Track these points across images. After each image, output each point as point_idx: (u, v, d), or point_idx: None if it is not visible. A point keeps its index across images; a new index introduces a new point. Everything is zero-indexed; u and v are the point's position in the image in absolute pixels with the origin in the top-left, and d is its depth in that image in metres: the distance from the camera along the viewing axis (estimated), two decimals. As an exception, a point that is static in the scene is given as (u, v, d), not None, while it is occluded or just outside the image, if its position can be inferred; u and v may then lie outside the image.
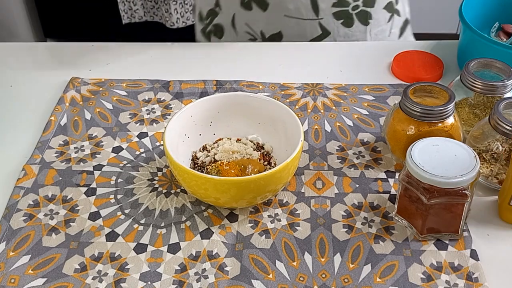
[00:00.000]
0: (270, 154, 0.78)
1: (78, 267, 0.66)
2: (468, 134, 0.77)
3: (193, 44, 1.06)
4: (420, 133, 0.73)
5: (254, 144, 0.79)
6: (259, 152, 0.78)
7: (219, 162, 0.74)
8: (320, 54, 1.01)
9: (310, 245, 0.68)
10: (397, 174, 0.77)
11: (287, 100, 0.89)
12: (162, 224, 0.71)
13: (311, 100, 0.89)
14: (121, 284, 0.65)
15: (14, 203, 0.73)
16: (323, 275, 0.65)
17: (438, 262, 0.66)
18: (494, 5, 0.98)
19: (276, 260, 0.67)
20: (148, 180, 0.77)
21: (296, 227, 0.70)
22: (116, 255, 0.68)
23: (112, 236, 0.70)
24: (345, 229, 0.70)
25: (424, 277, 0.65)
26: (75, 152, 0.81)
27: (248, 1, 1.03)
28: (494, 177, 0.74)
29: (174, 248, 0.68)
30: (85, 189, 0.75)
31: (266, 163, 0.76)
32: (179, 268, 0.66)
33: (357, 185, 0.75)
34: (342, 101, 0.89)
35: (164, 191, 0.75)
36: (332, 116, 0.86)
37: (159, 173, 0.78)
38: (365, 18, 1.05)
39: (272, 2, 1.02)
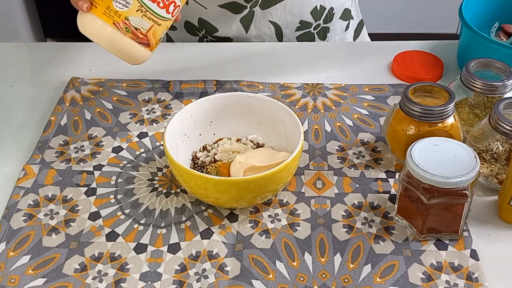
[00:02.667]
0: (270, 154, 0.78)
1: (78, 267, 0.66)
2: (468, 134, 0.77)
3: (193, 44, 1.05)
4: (420, 133, 0.73)
5: (254, 144, 0.79)
6: (259, 152, 0.77)
7: (219, 162, 0.74)
8: (320, 54, 1.01)
9: (310, 245, 0.68)
10: (397, 174, 0.77)
11: (287, 100, 0.89)
12: (162, 224, 0.71)
13: (311, 100, 0.89)
14: (121, 284, 0.65)
15: (14, 203, 0.73)
16: (323, 275, 0.65)
17: (438, 262, 0.66)
18: (494, 5, 0.98)
19: (276, 260, 0.67)
20: (148, 180, 0.77)
21: (296, 227, 0.70)
22: (116, 255, 0.68)
23: (112, 236, 0.70)
24: (345, 229, 0.70)
25: (424, 277, 0.65)
26: (75, 152, 0.81)
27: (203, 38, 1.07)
28: (494, 177, 0.74)
29: (174, 248, 0.68)
30: (85, 189, 0.75)
31: (266, 163, 0.76)
32: (179, 268, 0.66)
33: (357, 185, 0.75)
34: (342, 101, 0.89)
35: (164, 191, 0.75)
36: (332, 116, 0.86)
37: (159, 173, 0.78)
38: (324, 33, 1.09)
39: (235, 38, 1.06)
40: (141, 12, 0.68)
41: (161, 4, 0.68)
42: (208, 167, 0.74)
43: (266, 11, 1.02)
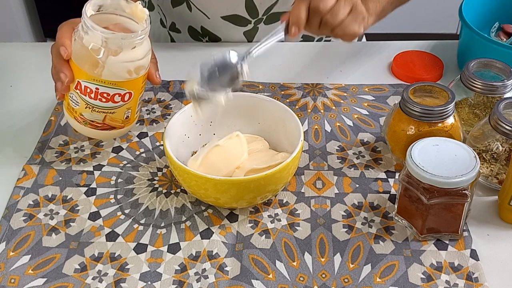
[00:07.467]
0: (270, 154, 0.78)
1: (78, 267, 0.66)
2: (468, 134, 0.77)
3: (193, 44, 1.05)
4: (420, 133, 0.73)
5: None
6: (259, 152, 0.77)
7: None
8: (320, 54, 1.01)
9: (310, 245, 0.68)
10: (397, 174, 0.77)
11: (287, 100, 0.89)
12: (162, 224, 0.71)
13: (311, 100, 0.89)
14: (121, 284, 0.65)
15: (14, 203, 0.73)
16: (323, 275, 0.65)
17: (438, 262, 0.66)
18: (494, 5, 0.99)
19: (276, 260, 0.67)
20: (148, 180, 0.77)
21: (296, 227, 0.70)
22: (116, 255, 0.68)
23: (112, 236, 0.70)
24: (345, 229, 0.70)
25: (424, 277, 0.65)
26: (75, 152, 0.81)
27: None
28: (494, 177, 0.74)
29: (174, 248, 0.68)
30: (85, 189, 0.75)
31: (266, 163, 0.76)
32: (179, 268, 0.66)
33: (357, 185, 0.75)
34: (342, 101, 0.89)
35: (164, 191, 0.75)
36: (332, 116, 0.86)
37: (159, 173, 0.78)
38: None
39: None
40: (89, 108, 0.72)
41: (104, 100, 0.71)
42: (208, 167, 0.74)
43: (270, 26, 1.02)
